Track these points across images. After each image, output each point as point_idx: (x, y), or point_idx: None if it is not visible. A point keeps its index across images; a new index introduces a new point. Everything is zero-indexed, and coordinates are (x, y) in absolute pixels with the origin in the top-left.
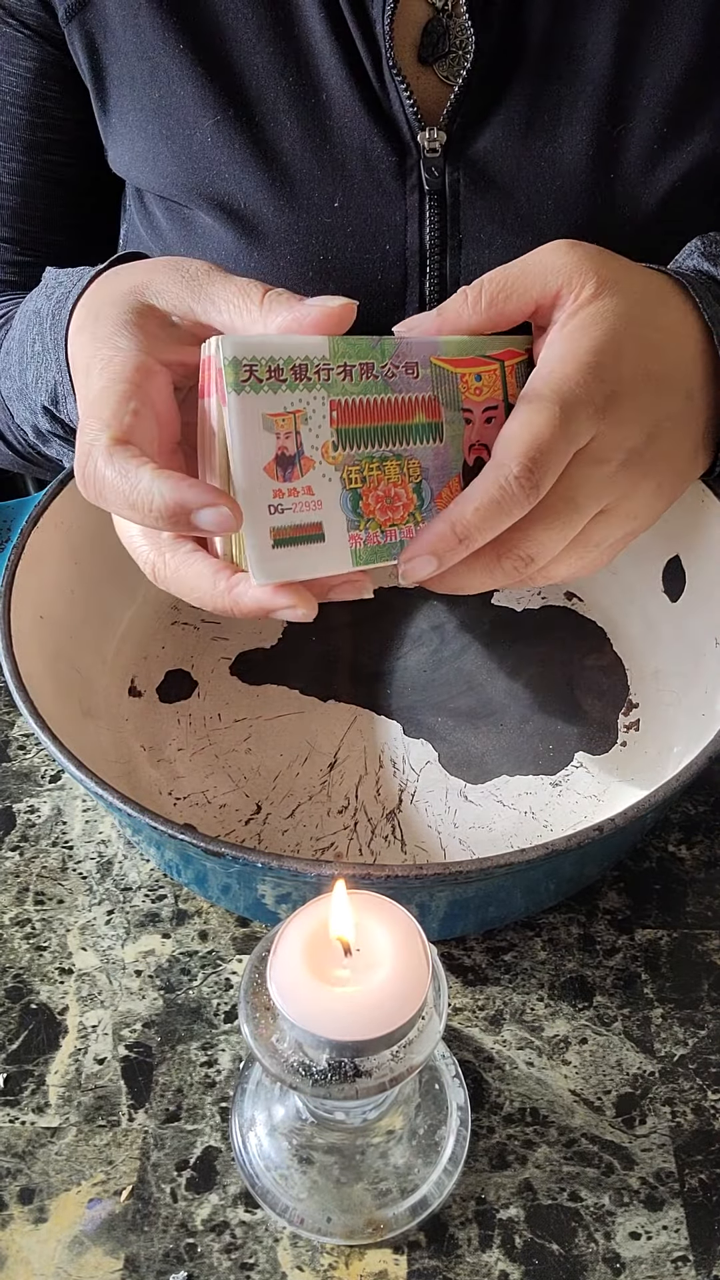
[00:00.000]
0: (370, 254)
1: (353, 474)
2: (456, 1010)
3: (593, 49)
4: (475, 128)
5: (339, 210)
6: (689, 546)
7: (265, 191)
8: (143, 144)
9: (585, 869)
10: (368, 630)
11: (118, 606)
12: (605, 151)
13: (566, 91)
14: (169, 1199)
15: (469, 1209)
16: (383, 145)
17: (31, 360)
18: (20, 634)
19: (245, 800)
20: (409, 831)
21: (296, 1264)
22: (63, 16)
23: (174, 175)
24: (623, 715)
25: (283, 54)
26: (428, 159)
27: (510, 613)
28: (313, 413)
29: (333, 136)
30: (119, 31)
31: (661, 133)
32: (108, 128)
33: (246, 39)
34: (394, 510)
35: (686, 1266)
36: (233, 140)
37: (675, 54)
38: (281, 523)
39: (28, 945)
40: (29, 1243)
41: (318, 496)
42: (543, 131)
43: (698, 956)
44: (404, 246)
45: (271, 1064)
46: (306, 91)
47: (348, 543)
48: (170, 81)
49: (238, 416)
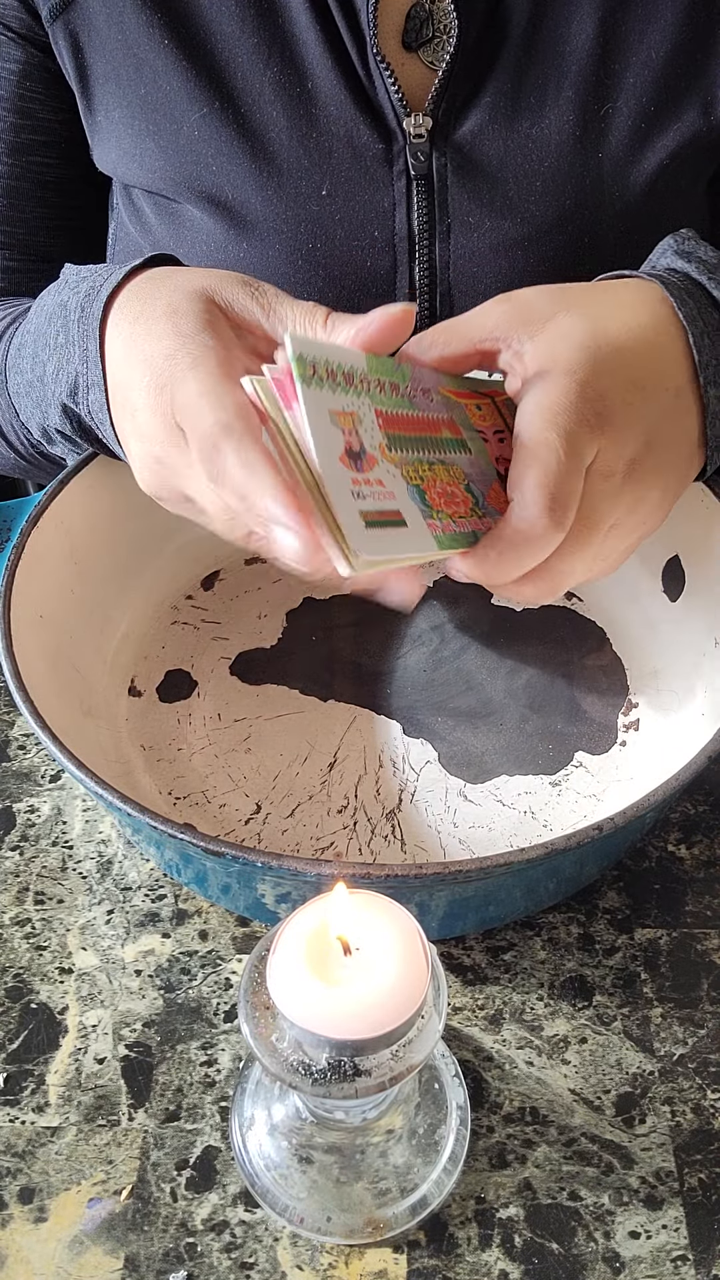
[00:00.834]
0: (359, 241)
1: (410, 473)
2: (456, 1010)
3: (577, 29)
4: (460, 112)
5: (326, 198)
6: (688, 546)
7: (253, 182)
8: (130, 140)
9: (585, 868)
10: (367, 630)
11: (118, 606)
12: (592, 132)
13: (552, 72)
14: (169, 1198)
15: (469, 1208)
16: (369, 132)
17: (53, 352)
18: (20, 634)
19: (245, 800)
20: (409, 831)
21: (296, 1263)
22: (46, 17)
23: (162, 169)
24: (622, 715)
25: (267, 44)
26: (414, 145)
27: (510, 613)
28: (364, 416)
29: (319, 125)
30: (104, 29)
31: (648, 111)
32: (93, 126)
33: (231, 31)
34: (456, 504)
35: (686, 1265)
36: (219, 132)
37: (660, 32)
38: (366, 507)
39: (28, 945)
40: (29, 1242)
41: (389, 489)
42: (528, 113)
43: (697, 956)
44: (392, 233)
45: (271, 1063)
46: (292, 81)
47: (427, 529)
48: (156, 76)
49: (311, 407)
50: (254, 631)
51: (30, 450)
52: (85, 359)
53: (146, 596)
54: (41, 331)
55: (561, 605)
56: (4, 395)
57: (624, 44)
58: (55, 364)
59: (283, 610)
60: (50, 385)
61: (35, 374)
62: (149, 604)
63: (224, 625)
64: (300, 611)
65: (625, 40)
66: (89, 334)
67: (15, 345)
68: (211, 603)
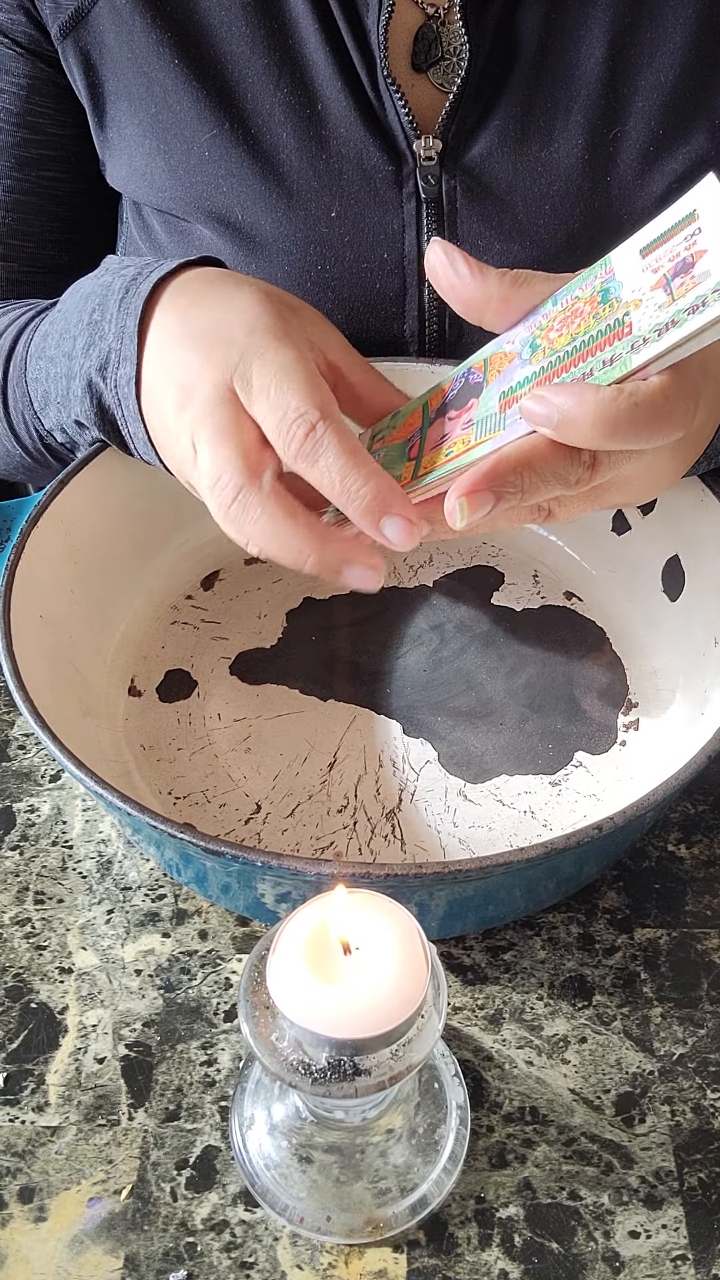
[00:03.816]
0: (368, 263)
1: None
2: (456, 1009)
3: (586, 52)
4: (470, 135)
5: (336, 220)
6: (688, 546)
7: (263, 203)
8: (140, 159)
9: (585, 868)
10: (367, 630)
11: (118, 606)
12: (601, 155)
13: (561, 96)
14: (169, 1198)
15: (468, 1208)
16: (379, 154)
17: (85, 329)
18: (20, 634)
19: (245, 800)
20: (408, 831)
21: (296, 1263)
22: (56, 34)
23: (171, 190)
24: (622, 715)
25: (277, 65)
26: (424, 167)
27: (510, 612)
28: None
29: (329, 146)
30: (114, 48)
31: (657, 135)
32: (105, 143)
33: (241, 52)
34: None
35: (686, 1265)
36: (229, 153)
37: (669, 56)
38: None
39: (28, 945)
40: (29, 1242)
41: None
42: (538, 137)
43: (697, 955)
44: (401, 255)
45: (271, 1062)
46: (302, 102)
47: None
48: (166, 96)
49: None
50: (254, 631)
51: (39, 444)
52: (121, 335)
53: (146, 596)
54: (76, 310)
55: (561, 605)
56: (21, 385)
57: (633, 67)
58: (86, 340)
59: (283, 610)
60: (79, 360)
61: (62, 351)
62: (149, 604)
63: (224, 625)
64: (300, 611)
65: (635, 64)
66: (130, 312)
67: (41, 333)
68: (211, 603)
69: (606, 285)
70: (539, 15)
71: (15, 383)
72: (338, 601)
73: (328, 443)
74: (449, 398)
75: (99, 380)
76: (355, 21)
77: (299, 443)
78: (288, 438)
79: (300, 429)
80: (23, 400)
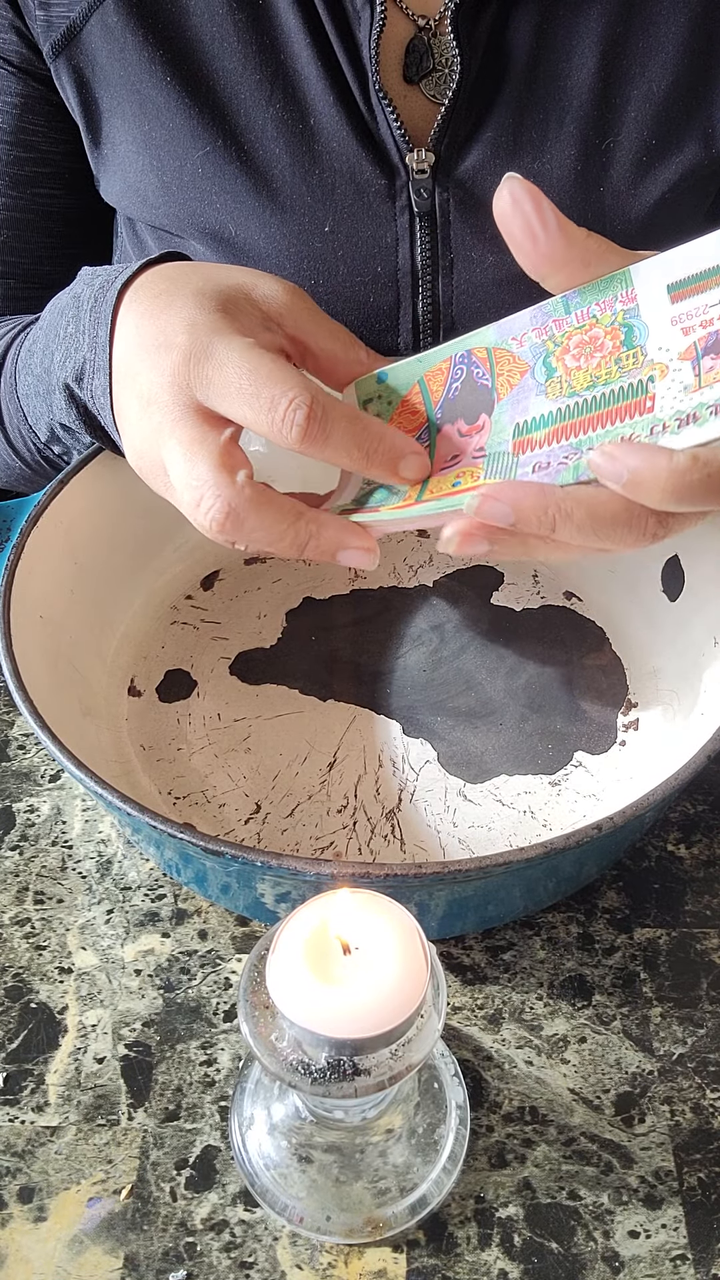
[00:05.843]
0: (362, 276)
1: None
2: (455, 1009)
3: (578, 63)
4: (462, 148)
5: (329, 234)
6: (688, 546)
7: (256, 218)
8: (133, 176)
9: (584, 868)
10: (367, 630)
11: (118, 606)
12: (594, 166)
13: (553, 108)
14: (168, 1198)
15: (468, 1207)
16: (371, 168)
17: (61, 342)
18: (20, 634)
19: (244, 800)
20: (408, 831)
21: (296, 1263)
22: (48, 53)
23: (165, 206)
24: (622, 715)
25: (269, 81)
26: (416, 180)
27: (510, 612)
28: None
29: (321, 161)
30: (106, 66)
31: (649, 145)
32: (98, 160)
33: (233, 68)
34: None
35: (685, 1265)
36: (222, 169)
37: (661, 66)
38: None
39: (27, 945)
40: (29, 1242)
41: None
42: (530, 148)
43: (696, 955)
44: (395, 268)
45: (271, 1062)
46: (294, 117)
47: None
48: (159, 114)
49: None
50: (254, 631)
51: (36, 456)
52: (94, 345)
53: (146, 596)
54: (53, 325)
55: (561, 605)
56: (13, 399)
57: (625, 78)
58: (63, 353)
59: (282, 610)
60: (56, 373)
61: (43, 366)
62: (149, 604)
63: (224, 625)
64: (300, 611)
65: (626, 74)
66: (100, 321)
67: (26, 348)
68: (211, 603)
69: (630, 321)
70: (530, 26)
71: (8, 398)
72: (337, 601)
73: (333, 419)
74: (452, 393)
75: (77, 389)
76: (347, 34)
77: (302, 428)
78: (286, 425)
79: (297, 414)
80: (16, 415)
